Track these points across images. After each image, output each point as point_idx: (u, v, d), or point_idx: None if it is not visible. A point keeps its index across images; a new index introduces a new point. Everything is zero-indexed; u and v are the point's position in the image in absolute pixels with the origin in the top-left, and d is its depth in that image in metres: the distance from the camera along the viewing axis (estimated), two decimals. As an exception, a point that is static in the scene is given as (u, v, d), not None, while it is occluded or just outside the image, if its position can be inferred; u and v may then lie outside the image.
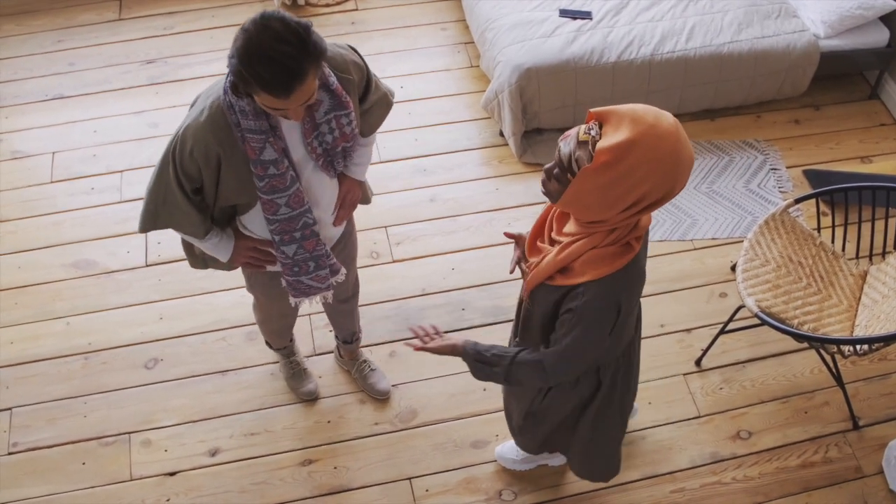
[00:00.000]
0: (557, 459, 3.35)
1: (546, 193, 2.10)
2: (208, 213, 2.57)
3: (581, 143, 1.96)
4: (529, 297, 2.34)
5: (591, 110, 2.00)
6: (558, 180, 2.03)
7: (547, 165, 2.08)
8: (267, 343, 3.48)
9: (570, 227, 2.18)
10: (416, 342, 2.46)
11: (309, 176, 2.53)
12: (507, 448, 3.37)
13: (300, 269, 2.69)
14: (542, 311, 2.32)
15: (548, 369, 2.32)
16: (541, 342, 2.41)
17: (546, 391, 2.64)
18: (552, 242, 2.26)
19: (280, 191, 2.44)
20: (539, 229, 2.33)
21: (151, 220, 2.55)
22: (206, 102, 2.34)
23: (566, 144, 2.00)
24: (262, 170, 2.38)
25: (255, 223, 2.63)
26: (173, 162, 2.40)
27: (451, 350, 2.43)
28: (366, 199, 2.95)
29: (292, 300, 2.81)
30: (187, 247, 2.81)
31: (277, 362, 3.64)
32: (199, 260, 2.81)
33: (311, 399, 3.56)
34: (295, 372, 3.56)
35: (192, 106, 2.44)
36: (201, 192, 2.50)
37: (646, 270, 2.23)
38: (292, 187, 2.45)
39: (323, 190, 2.61)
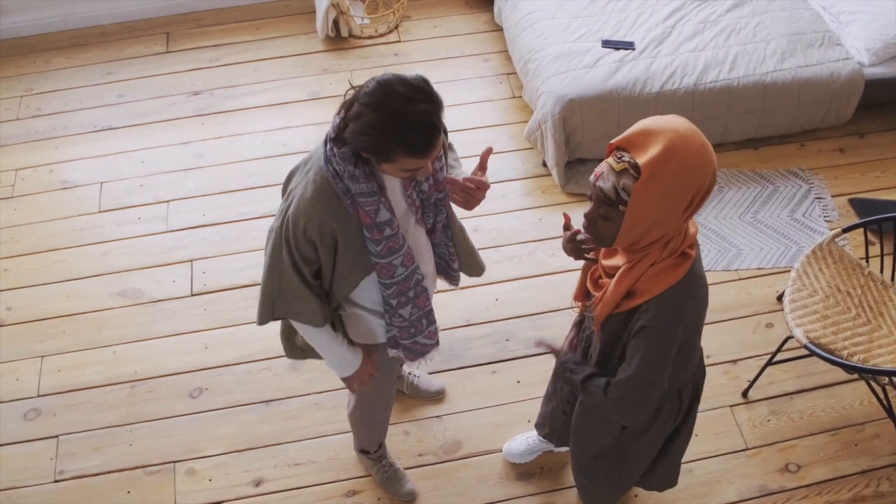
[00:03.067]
0: None
1: (598, 239, 2.14)
2: (325, 299, 2.50)
3: (620, 173, 2.02)
4: (601, 334, 2.34)
5: (612, 142, 2.07)
6: (607, 218, 2.08)
7: (586, 213, 2.13)
8: (363, 452, 3.35)
9: (619, 259, 2.22)
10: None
11: (413, 232, 2.49)
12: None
13: (416, 330, 2.62)
14: (617, 342, 2.33)
15: (617, 399, 2.28)
16: None
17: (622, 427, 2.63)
18: (610, 278, 2.28)
19: (396, 251, 2.38)
20: (593, 278, 2.37)
21: (269, 311, 2.50)
22: (308, 177, 2.28)
23: (605, 181, 2.05)
24: (377, 233, 2.31)
25: (364, 295, 2.55)
26: (287, 246, 2.33)
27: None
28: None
29: (408, 366, 2.72)
30: (286, 335, 2.77)
31: (320, 392, 3.64)
32: (297, 350, 2.78)
33: (411, 500, 3.41)
34: (390, 474, 3.40)
35: (285, 189, 2.39)
36: (319, 275, 2.44)
37: (706, 279, 2.26)
38: (404, 246, 2.40)
39: (423, 244, 2.56)
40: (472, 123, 4.69)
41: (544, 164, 4.47)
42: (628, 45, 4.38)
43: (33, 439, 3.56)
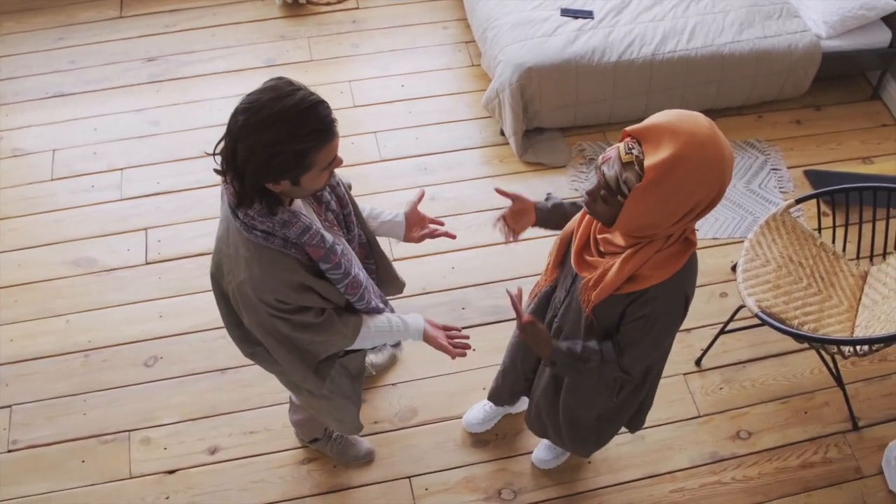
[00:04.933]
0: None
1: (593, 215, 2.12)
2: (342, 308, 2.42)
3: (625, 165, 1.96)
4: (592, 312, 2.31)
5: (627, 129, 2.00)
6: (606, 202, 2.04)
7: (590, 189, 2.08)
8: (313, 441, 3.36)
9: (619, 238, 2.18)
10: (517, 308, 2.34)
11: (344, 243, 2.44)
12: (543, 450, 3.38)
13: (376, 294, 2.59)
14: (607, 320, 2.32)
15: (630, 371, 2.35)
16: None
17: (619, 391, 2.64)
18: (601, 254, 2.26)
19: (353, 263, 2.32)
20: (583, 243, 2.32)
21: (315, 376, 2.44)
22: (241, 256, 2.15)
23: (609, 167, 2.00)
24: (334, 257, 2.22)
25: None
26: (280, 319, 2.23)
27: (545, 345, 2.36)
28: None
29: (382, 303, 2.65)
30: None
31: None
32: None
33: (371, 459, 3.42)
34: (343, 444, 3.38)
35: (218, 287, 2.33)
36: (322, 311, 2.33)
37: (698, 264, 2.29)
38: (352, 256, 2.36)
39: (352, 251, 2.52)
40: (431, 92, 4.66)
41: (502, 133, 4.46)
42: (587, 14, 4.37)
43: (-16, 409, 3.53)
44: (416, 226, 2.71)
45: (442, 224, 2.73)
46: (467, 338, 2.59)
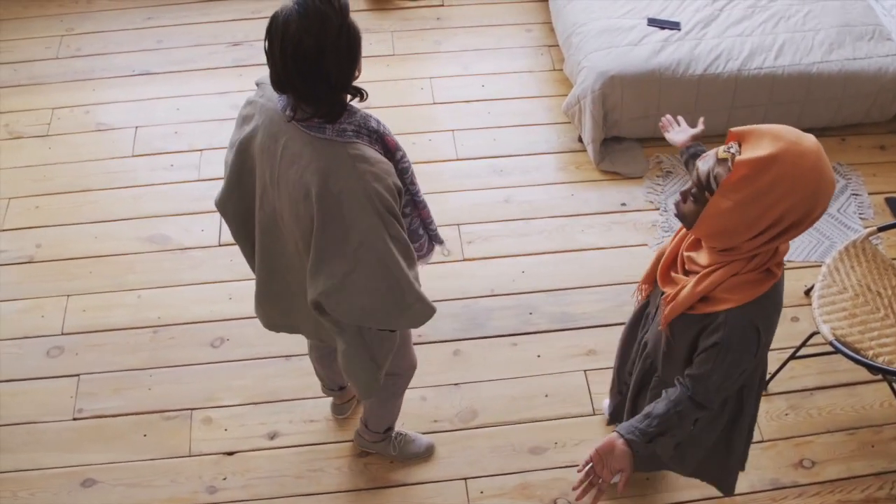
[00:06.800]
0: None
1: (680, 217, 2.09)
2: None
3: (720, 161, 1.95)
4: (669, 330, 2.29)
5: (732, 130, 1.98)
6: (696, 200, 2.02)
7: (684, 188, 2.06)
8: (387, 431, 3.31)
9: (703, 257, 2.15)
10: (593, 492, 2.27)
11: None
12: None
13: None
14: (683, 341, 2.28)
15: (707, 406, 2.27)
16: (683, 372, 2.36)
17: (695, 421, 2.60)
18: (686, 273, 2.23)
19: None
20: (671, 259, 2.30)
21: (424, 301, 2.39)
22: (348, 155, 2.13)
23: (704, 163, 1.98)
24: (401, 149, 2.33)
25: None
26: (393, 217, 2.20)
27: (624, 459, 2.23)
28: None
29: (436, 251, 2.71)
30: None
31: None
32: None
33: (431, 453, 3.43)
34: (404, 441, 3.39)
35: (338, 195, 2.14)
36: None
37: (783, 299, 2.19)
38: None
39: None
40: (511, 94, 4.65)
41: (580, 140, 4.43)
42: (674, 25, 4.32)
43: (55, 376, 3.60)
44: None
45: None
46: None
